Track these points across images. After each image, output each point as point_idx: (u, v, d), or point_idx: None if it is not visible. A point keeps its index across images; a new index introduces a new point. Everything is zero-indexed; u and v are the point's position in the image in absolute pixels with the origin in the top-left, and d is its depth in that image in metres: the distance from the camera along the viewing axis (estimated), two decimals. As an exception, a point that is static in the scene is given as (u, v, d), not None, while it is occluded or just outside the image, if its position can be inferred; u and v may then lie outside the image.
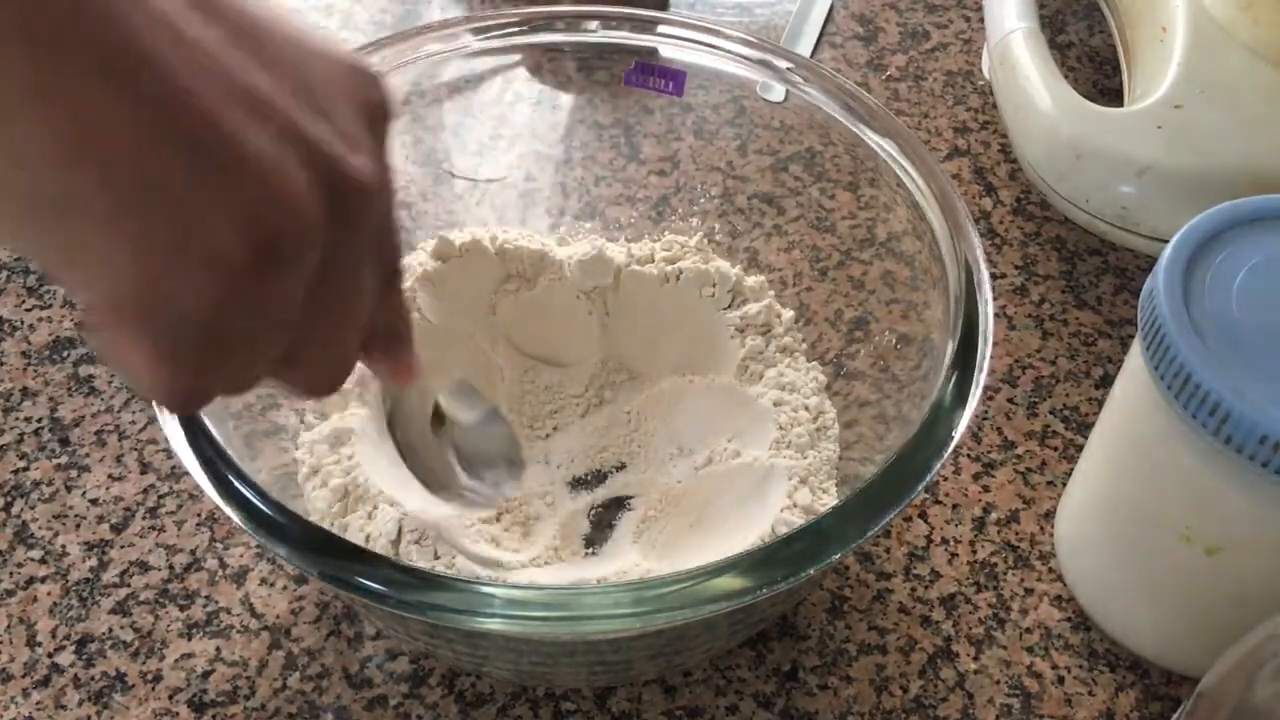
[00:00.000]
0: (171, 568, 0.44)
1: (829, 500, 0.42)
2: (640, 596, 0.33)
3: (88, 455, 0.47)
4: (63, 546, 0.45)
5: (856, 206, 0.48)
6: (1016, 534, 0.46)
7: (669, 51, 0.49)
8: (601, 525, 0.44)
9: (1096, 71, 0.63)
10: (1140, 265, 0.55)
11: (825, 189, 0.49)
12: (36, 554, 0.45)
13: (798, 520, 0.40)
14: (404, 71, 0.48)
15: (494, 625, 0.32)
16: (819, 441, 0.43)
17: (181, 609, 0.43)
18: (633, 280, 0.48)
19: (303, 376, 0.30)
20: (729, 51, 0.48)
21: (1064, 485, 0.47)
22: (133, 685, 0.41)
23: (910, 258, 0.44)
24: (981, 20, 0.65)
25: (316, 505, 0.40)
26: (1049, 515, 0.46)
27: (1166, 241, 0.38)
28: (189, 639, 0.42)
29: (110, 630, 0.43)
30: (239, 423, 0.40)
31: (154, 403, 0.37)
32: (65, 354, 0.51)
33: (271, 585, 0.44)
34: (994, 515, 0.46)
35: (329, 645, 0.42)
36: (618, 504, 0.45)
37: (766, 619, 0.41)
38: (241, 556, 0.45)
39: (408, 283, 0.46)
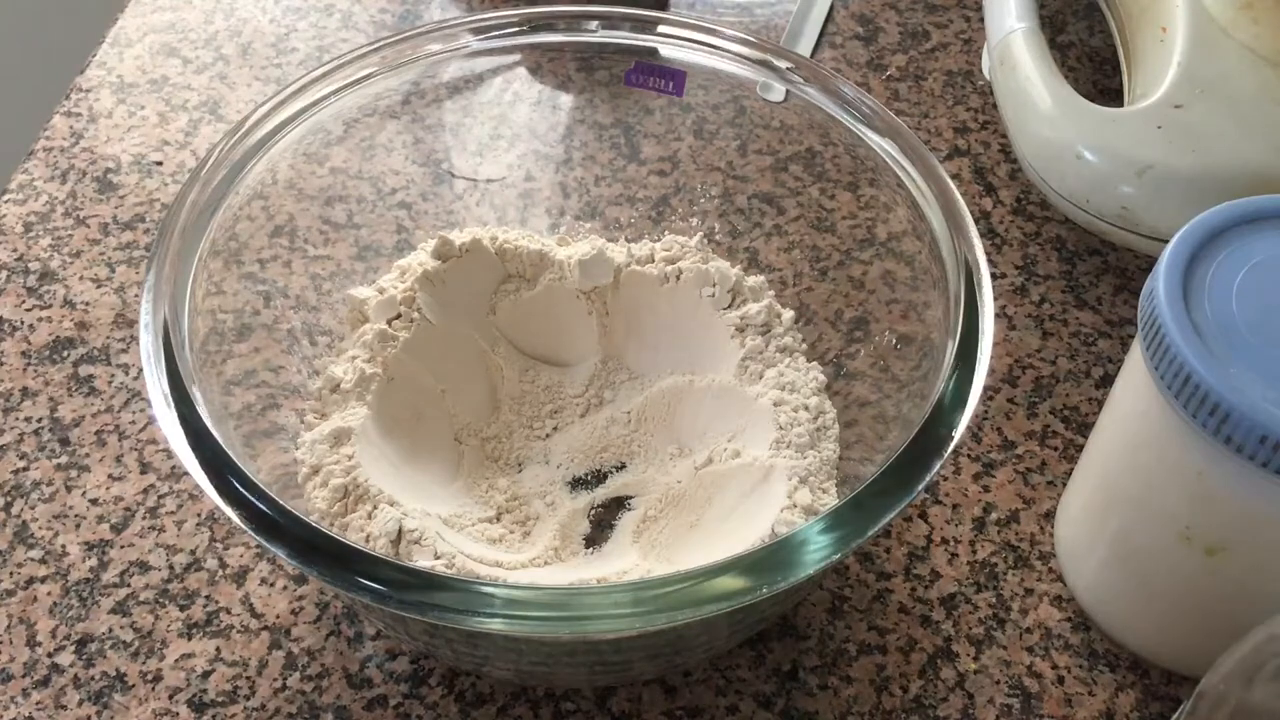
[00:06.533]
0: (171, 568, 0.44)
1: (829, 500, 0.42)
2: (640, 596, 0.33)
3: (88, 455, 0.47)
4: (63, 546, 0.45)
5: (856, 206, 0.48)
6: (1016, 534, 0.46)
7: (669, 51, 0.49)
8: (601, 525, 0.44)
9: (1096, 71, 0.63)
10: (1140, 265, 0.55)
11: (825, 189, 0.49)
12: (36, 554, 0.45)
13: (798, 520, 0.40)
14: (404, 71, 0.48)
15: (494, 625, 0.32)
16: (819, 441, 0.43)
17: (181, 609, 0.43)
18: (633, 280, 0.48)
19: None
20: (729, 51, 0.48)
21: (1064, 485, 0.47)
22: (133, 685, 0.41)
23: (910, 258, 0.44)
24: (981, 20, 0.65)
25: (316, 505, 0.40)
26: (1049, 515, 0.46)
27: (1166, 241, 0.38)
28: (189, 639, 0.42)
29: (110, 630, 0.43)
30: (239, 423, 0.40)
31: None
32: (65, 354, 0.51)
33: (271, 585, 0.44)
34: (994, 515, 0.46)
35: (329, 645, 0.42)
36: (618, 504, 0.45)
37: (766, 619, 0.41)
38: (241, 556, 0.45)
39: (407, 283, 0.46)
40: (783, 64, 0.47)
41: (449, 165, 0.52)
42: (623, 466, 0.46)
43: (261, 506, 0.34)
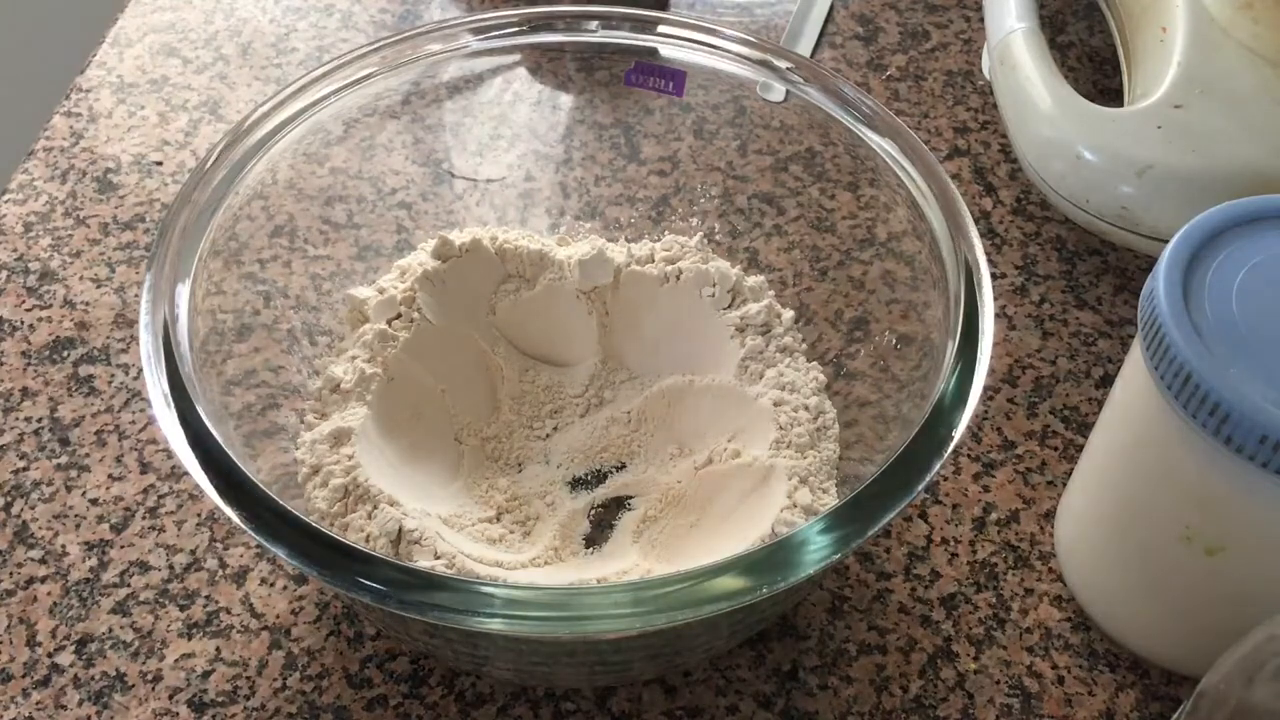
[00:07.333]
0: (171, 568, 0.44)
1: (829, 500, 0.42)
2: (640, 596, 0.33)
3: (88, 455, 0.47)
4: (63, 546, 0.45)
5: (856, 206, 0.48)
6: (1016, 534, 0.46)
7: (669, 51, 0.49)
8: (601, 525, 0.44)
9: (1096, 71, 0.63)
10: (1140, 265, 0.55)
11: (825, 189, 0.49)
12: (36, 554, 0.45)
13: (798, 520, 0.40)
14: (404, 71, 0.48)
15: (494, 625, 0.32)
16: (819, 441, 0.43)
17: (181, 609, 0.43)
18: (633, 280, 0.48)
19: None
20: (729, 51, 0.48)
21: (1064, 485, 0.47)
22: (133, 685, 0.41)
23: (910, 258, 0.44)
24: (981, 20, 0.65)
25: (316, 505, 0.40)
26: (1049, 515, 0.46)
27: (1166, 241, 0.38)
28: (189, 639, 0.42)
29: (110, 630, 0.43)
30: (239, 423, 0.40)
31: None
32: (65, 354, 0.51)
33: (271, 585, 0.44)
34: (994, 515, 0.46)
35: (329, 645, 0.42)
36: (618, 504, 0.45)
37: (766, 619, 0.41)
38: (241, 556, 0.45)
39: (407, 283, 0.46)
40: (783, 64, 0.47)
41: (449, 165, 0.52)
42: (623, 466, 0.46)
43: (261, 506, 0.34)
